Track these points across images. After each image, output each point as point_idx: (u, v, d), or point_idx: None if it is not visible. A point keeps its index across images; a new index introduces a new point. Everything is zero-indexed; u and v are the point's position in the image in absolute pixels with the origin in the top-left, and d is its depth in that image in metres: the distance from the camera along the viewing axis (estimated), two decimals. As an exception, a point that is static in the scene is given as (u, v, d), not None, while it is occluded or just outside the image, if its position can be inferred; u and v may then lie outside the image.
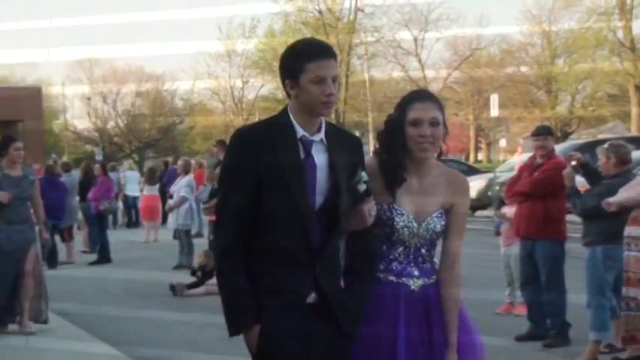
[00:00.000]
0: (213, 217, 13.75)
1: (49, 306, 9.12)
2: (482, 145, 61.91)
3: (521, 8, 59.21)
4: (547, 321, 8.30)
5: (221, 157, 14.55)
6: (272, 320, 3.38)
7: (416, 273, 3.76)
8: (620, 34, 41.14)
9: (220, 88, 55.54)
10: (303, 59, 3.42)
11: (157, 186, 21.07)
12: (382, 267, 3.75)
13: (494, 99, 25.91)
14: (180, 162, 16.75)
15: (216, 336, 8.49)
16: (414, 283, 3.74)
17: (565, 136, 42.47)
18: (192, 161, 18.28)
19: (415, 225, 3.73)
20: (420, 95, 3.82)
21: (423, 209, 3.75)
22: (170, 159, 26.66)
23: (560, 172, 7.90)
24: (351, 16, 47.95)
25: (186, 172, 15.87)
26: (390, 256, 3.77)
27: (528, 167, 8.56)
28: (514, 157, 27.06)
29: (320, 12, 47.97)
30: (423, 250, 3.79)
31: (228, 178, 3.50)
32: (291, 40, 3.58)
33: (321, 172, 3.49)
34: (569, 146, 21.51)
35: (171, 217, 15.71)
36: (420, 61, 50.18)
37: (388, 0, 46.88)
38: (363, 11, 47.92)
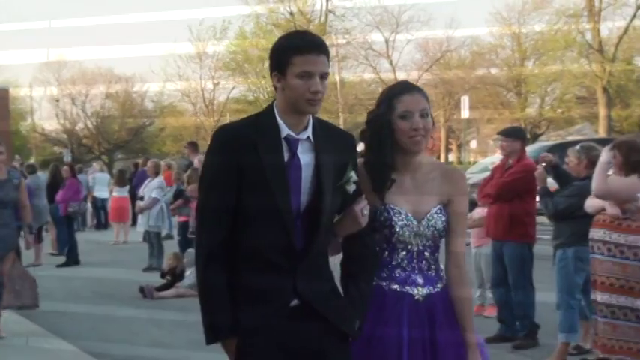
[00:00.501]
0: (182, 218, 13.88)
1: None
2: (453, 147, 62.16)
3: (491, 10, 59.84)
4: (516, 322, 8.34)
5: (192, 159, 14.56)
6: (252, 329, 3.27)
7: (420, 281, 3.59)
8: (589, 36, 41.41)
9: (191, 90, 55.19)
10: (291, 52, 3.27)
11: (127, 188, 20.96)
12: (385, 274, 3.59)
13: (464, 101, 26.02)
14: (149, 164, 16.65)
15: (186, 337, 8.47)
16: (419, 292, 3.58)
17: (535, 138, 42.74)
18: (162, 163, 18.17)
19: (415, 223, 3.56)
20: (408, 87, 3.65)
21: (421, 206, 3.59)
22: (140, 161, 26.51)
23: (527, 174, 7.93)
24: (322, 18, 47.84)
25: (157, 173, 15.79)
26: (393, 262, 3.60)
27: (500, 168, 8.56)
28: (491, 157, 27.12)
29: (291, 14, 47.81)
30: (426, 254, 3.61)
31: (209, 178, 3.37)
32: (262, 42, 3.49)
33: (307, 173, 3.34)
34: (539, 148, 21.66)
35: (141, 219, 15.62)
36: (391, 62, 50.21)
37: (359, 2, 46.87)
38: (334, 13, 47.88)
